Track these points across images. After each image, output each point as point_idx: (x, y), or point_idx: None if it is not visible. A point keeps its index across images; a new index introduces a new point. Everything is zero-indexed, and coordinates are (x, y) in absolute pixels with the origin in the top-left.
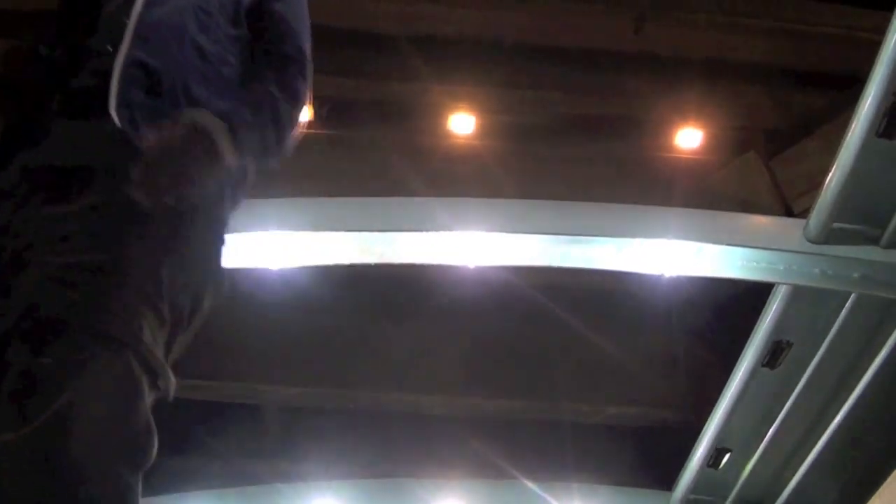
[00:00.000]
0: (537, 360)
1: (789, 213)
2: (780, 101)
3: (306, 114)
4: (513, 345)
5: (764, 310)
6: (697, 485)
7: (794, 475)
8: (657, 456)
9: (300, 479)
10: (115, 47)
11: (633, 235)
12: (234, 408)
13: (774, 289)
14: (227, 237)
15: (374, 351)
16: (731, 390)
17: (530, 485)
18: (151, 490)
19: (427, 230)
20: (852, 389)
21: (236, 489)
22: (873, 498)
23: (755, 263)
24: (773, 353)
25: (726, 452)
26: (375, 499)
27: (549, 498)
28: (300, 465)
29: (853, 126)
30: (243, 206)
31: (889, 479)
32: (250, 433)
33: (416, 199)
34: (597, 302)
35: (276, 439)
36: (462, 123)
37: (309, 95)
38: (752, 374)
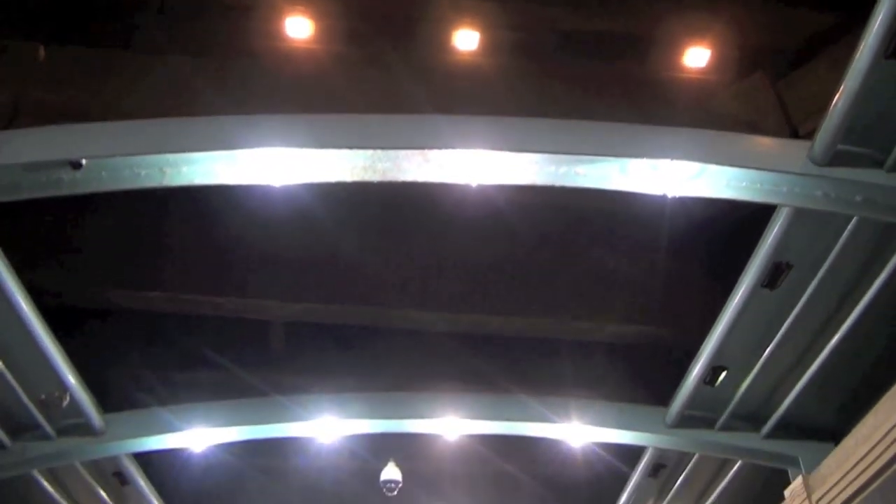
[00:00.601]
0: (538, 278)
1: (795, 134)
2: (789, 21)
3: (309, 28)
4: (514, 263)
5: (765, 231)
6: (693, 401)
7: (789, 393)
8: (655, 373)
9: (303, 392)
10: None
11: (636, 155)
12: (239, 323)
13: (777, 211)
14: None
15: (377, 268)
16: (730, 310)
17: (528, 400)
18: (158, 401)
19: (429, 148)
20: (850, 311)
21: (241, 401)
22: (868, 415)
23: (758, 185)
24: (773, 275)
25: (723, 370)
26: (376, 412)
27: (546, 412)
28: (303, 378)
29: (861, 47)
30: (246, 122)
31: (884, 398)
32: (255, 348)
33: (419, 117)
34: (598, 222)
35: (280, 354)
36: (466, 39)
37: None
38: (752, 295)
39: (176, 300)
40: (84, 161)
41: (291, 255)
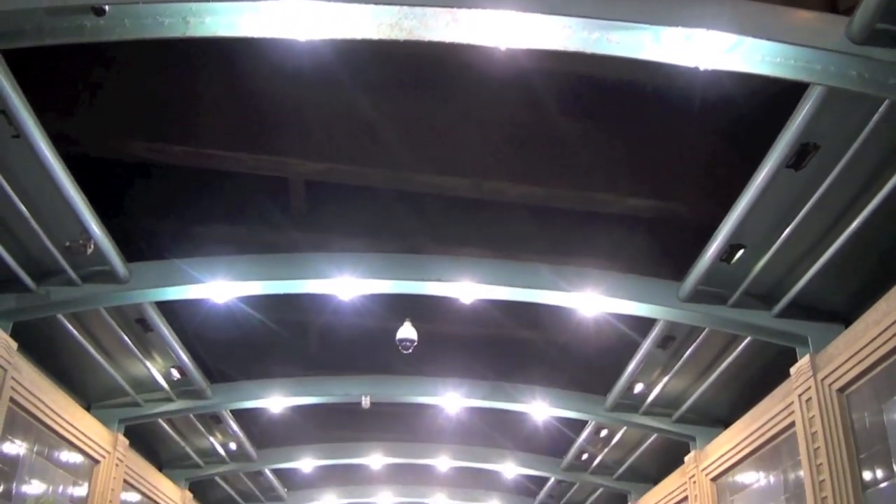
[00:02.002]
0: (561, 148)
1: (834, 9)
2: None
3: None
4: (538, 132)
5: (795, 111)
6: (708, 277)
7: (804, 275)
8: (672, 248)
9: (324, 251)
10: None
11: (671, 24)
12: (261, 180)
13: (808, 90)
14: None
15: (402, 130)
16: (753, 189)
17: (545, 268)
18: (180, 253)
19: (458, 7)
20: (873, 196)
21: (262, 256)
22: (880, 301)
23: (792, 61)
24: (800, 155)
25: (740, 248)
26: (395, 272)
27: (562, 281)
28: (324, 237)
29: None
30: None
31: None
32: (276, 205)
33: None
34: (626, 95)
35: (302, 212)
36: None
37: None
38: (776, 174)
39: (198, 154)
40: (107, 7)
41: (315, 114)
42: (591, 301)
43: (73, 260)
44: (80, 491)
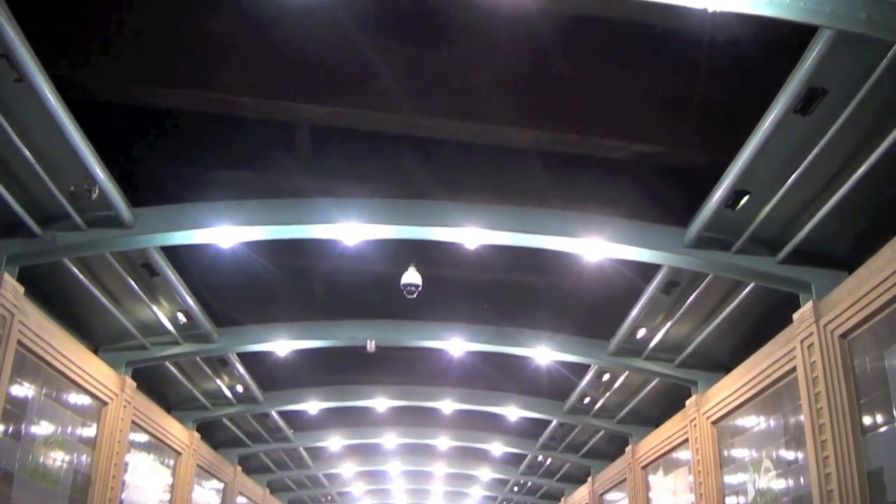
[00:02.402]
0: (568, 92)
1: None
2: None
3: None
4: (546, 76)
5: (803, 55)
6: (713, 223)
7: (809, 221)
8: (677, 194)
9: (329, 196)
10: None
11: None
12: (266, 125)
13: (818, 33)
14: None
15: (407, 74)
16: (760, 134)
17: (550, 213)
18: (188, 198)
19: None
20: (880, 143)
21: (267, 201)
22: (884, 248)
23: (802, 3)
24: (807, 100)
25: (745, 194)
26: (400, 218)
27: (567, 227)
28: (329, 182)
29: None
30: None
31: None
32: (281, 150)
33: None
34: (632, 38)
35: (307, 157)
36: None
37: None
38: (783, 120)
39: (204, 99)
40: None
41: (320, 57)
42: (596, 247)
43: (78, 205)
44: (89, 432)
